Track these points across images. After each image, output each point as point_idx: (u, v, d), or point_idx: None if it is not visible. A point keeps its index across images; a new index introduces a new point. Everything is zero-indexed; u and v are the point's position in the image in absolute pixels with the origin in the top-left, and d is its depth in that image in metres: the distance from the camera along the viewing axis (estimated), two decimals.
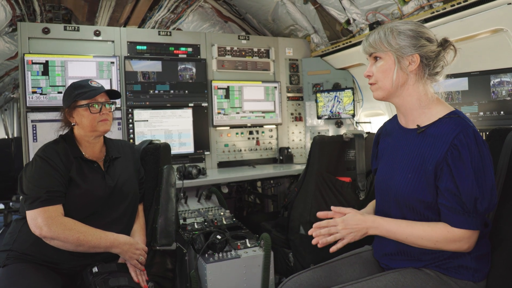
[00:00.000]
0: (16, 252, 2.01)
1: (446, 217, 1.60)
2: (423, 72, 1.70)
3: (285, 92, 4.83)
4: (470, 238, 1.58)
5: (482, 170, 1.53)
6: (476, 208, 1.53)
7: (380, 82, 1.75)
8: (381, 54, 1.72)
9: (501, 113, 2.90)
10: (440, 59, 1.69)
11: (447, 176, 1.57)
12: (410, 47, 1.66)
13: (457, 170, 1.54)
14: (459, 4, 2.94)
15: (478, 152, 1.54)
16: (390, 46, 1.69)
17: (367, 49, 1.77)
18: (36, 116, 3.67)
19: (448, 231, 1.58)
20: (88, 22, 5.58)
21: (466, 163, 1.53)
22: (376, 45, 1.72)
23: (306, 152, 4.85)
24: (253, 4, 4.91)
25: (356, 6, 3.83)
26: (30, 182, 2.01)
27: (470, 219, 1.55)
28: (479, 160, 1.53)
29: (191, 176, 3.61)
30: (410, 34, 1.67)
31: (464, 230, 1.56)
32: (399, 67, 1.69)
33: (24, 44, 3.70)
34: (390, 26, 1.71)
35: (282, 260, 3.08)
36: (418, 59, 1.67)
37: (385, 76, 1.73)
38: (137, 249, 2.14)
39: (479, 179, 1.52)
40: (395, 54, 1.69)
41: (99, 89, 2.17)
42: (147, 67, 4.15)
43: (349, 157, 2.94)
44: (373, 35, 1.74)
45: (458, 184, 1.54)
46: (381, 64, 1.73)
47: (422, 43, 1.66)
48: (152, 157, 2.60)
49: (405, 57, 1.68)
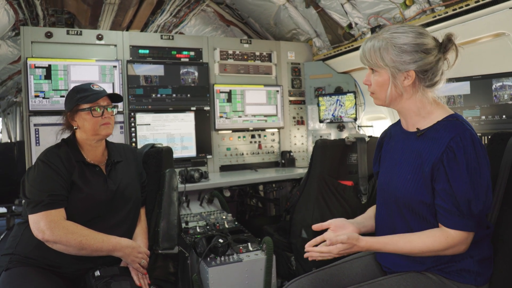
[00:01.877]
0: (19, 255, 2.01)
1: (441, 218, 1.61)
2: (420, 84, 1.69)
3: (287, 95, 4.84)
4: (466, 240, 1.59)
5: (478, 173, 1.54)
6: (470, 209, 1.54)
7: (377, 94, 1.77)
8: (376, 68, 1.72)
9: (503, 117, 2.90)
10: (439, 67, 1.68)
11: (442, 177, 1.58)
12: (405, 63, 1.65)
13: (452, 171, 1.55)
14: (461, 8, 2.94)
15: (475, 154, 1.54)
16: (383, 62, 1.68)
17: (363, 60, 1.77)
18: (39, 120, 3.68)
19: (447, 236, 1.59)
20: (90, 26, 5.61)
21: (461, 165, 1.53)
22: (371, 60, 1.71)
23: (308, 155, 4.84)
24: (255, 8, 4.93)
25: (358, 10, 3.84)
26: (33, 186, 2.01)
27: (465, 220, 1.56)
28: (475, 162, 1.54)
29: (193, 180, 3.61)
30: (407, 49, 1.64)
31: (459, 232, 1.57)
32: (393, 83, 1.69)
33: (27, 48, 3.71)
34: (388, 37, 1.68)
35: (284, 264, 3.07)
36: (413, 75, 1.66)
37: (381, 89, 1.74)
38: (139, 253, 2.14)
39: (474, 181, 1.53)
40: (389, 71, 1.68)
41: (101, 93, 2.18)
42: (150, 71, 4.16)
43: (351, 161, 2.94)
44: (368, 45, 1.72)
45: (452, 186, 1.55)
46: (377, 78, 1.74)
47: (419, 56, 1.64)
48: (154, 160, 2.60)
49: (400, 73, 1.67)
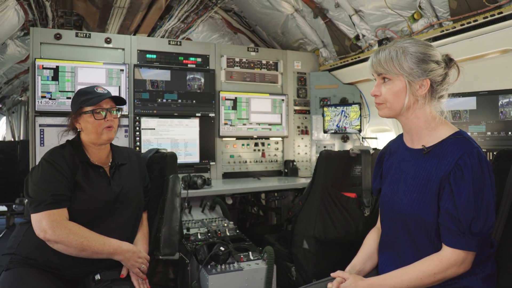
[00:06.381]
0: (20, 256, 2.01)
1: (442, 236, 1.61)
2: (431, 95, 1.70)
3: (292, 105, 4.84)
4: (465, 260, 1.58)
5: (481, 191, 1.53)
6: (470, 228, 1.53)
7: (389, 103, 1.74)
8: (392, 76, 1.70)
9: (509, 133, 2.89)
10: (447, 81, 1.70)
11: (447, 195, 1.58)
12: (421, 71, 1.65)
13: (458, 190, 1.55)
14: (469, 24, 2.95)
15: (481, 172, 1.54)
16: (402, 69, 1.67)
17: (377, 68, 1.74)
18: (44, 121, 3.69)
19: (441, 258, 1.58)
20: (98, 29, 5.65)
21: (468, 183, 1.53)
22: (388, 67, 1.69)
23: (311, 165, 4.84)
24: (263, 17, 4.95)
25: (366, 22, 3.85)
26: (36, 185, 2.02)
27: (465, 239, 1.55)
28: (481, 181, 1.54)
29: (196, 186, 3.60)
30: (421, 57, 1.65)
31: (457, 251, 1.56)
32: (410, 92, 1.68)
33: (35, 49, 3.74)
34: (401, 46, 1.69)
35: (284, 274, 3.06)
36: (428, 83, 1.67)
37: (396, 98, 1.71)
38: (139, 258, 2.14)
39: (477, 200, 1.53)
40: (407, 79, 1.67)
41: (104, 95, 2.18)
42: (156, 75, 4.18)
43: (355, 173, 2.94)
44: (383, 54, 1.71)
45: (456, 204, 1.54)
46: (391, 86, 1.71)
47: (432, 67, 1.65)
48: (158, 166, 2.60)
49: (416, 81, 1.67)
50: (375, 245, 1.99)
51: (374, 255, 1.98)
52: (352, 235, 2.85)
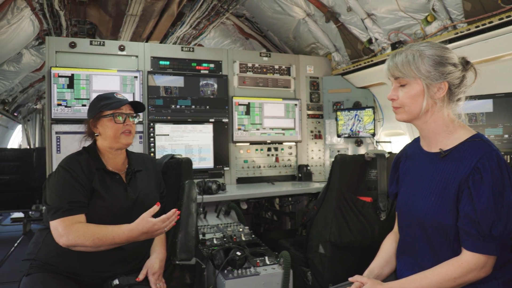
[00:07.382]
0: (40, 261, 2.05)
1: (462, 240, 1.59)
2: (449, 98, 1.69)
3: (305, 109, 4.83)
4: (486, 264, 1.56)
5: (501, 194, 1.52)
6: (491, 232, 1.51)
7: (407, 107, 1.73)
8: (409, 79, 1.70)
9: None
10: (464, 84, 1.69)
11: (466, 198, 1.57)
12: (439, 74, 1.65)
13: (477, 193, 1.53)
14: (484, 26, 2.93)
15: (500, 175, 1.53)
16: (419, 72, 1.66)
17: (394, 72, 1.73)
18: (60, 128, 3.73)
19: (461, 262, 1.57)
20: (111, 37, 5.71)
21: (487, 187, 1.52)
22: (405, 70, 1.69)
23: (325, 170, 4.83)
24: (275, 22, 4.96)
25: (379, 26, 3.84)
26: (53, 192, 2.05)
27: (485, 243, 1.54)
28: (500, 184, 1.52)
29: (210, 191, 3.61)
30: (438, 60, 1.65)
31: (477, 255, 1.55)
32: (428, 95, 1.68)
33: (51, 58, 3.79)
34: (418, 49, 1.69)
35: (300, 279, 3.05)
36: (446, 86, 1.66)
37: (413, 102, 1.71)
38: (156, 230, 2.03)
39: (497, 203, 1.51)
40: (424, 82, 1.67)
41: (124, 101, 2.22)
42: (170, 82, 4.21)
43: (370, 177, 2.92)
44: (400, 57, 1.71)
45: (476, 208, 1.53)
46: (408, 90, 1.71)
47: (450, 69, 1.65)
48: (174, 171, 2.61)
49: (434, 84, 1.66)
50: (393, 249, 1.98)
51: (392, 259, 1.96)
52: (368, 240, 2.83)
